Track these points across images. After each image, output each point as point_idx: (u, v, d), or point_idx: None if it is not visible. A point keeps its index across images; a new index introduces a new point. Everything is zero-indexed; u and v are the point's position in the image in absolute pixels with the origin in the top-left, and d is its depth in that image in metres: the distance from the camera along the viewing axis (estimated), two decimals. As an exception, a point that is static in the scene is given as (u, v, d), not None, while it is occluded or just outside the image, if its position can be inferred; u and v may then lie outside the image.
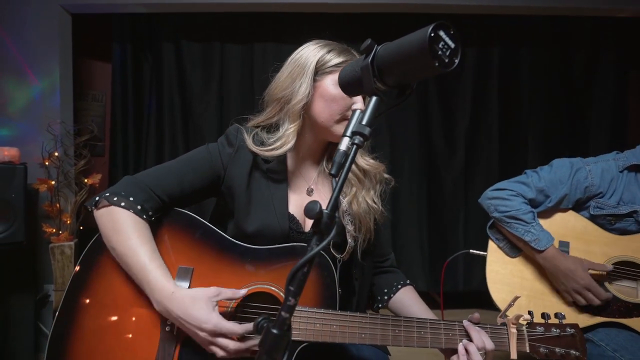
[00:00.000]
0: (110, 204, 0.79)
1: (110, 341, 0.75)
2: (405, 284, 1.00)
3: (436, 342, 0.76)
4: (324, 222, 0.46)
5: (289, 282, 0.44)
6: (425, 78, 0.51)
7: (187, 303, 0.72)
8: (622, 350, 1.01)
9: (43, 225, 2.10)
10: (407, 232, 2.73)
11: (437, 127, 2.76)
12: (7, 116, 2.21)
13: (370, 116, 0.51)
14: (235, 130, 0.92)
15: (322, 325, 0.74)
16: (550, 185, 1.21)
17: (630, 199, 1.17)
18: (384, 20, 2.61)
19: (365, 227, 0.89)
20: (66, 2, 2.26)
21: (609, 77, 2.71)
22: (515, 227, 1.18)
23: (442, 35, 0.47)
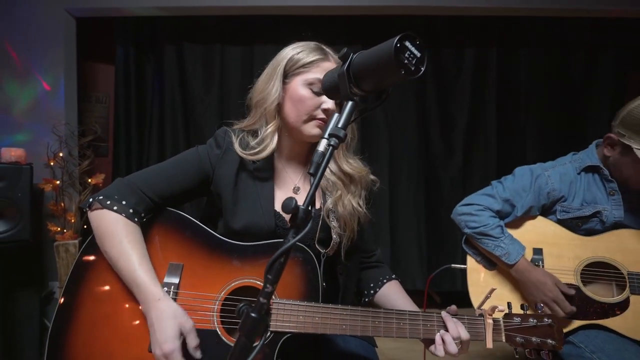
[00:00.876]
0: (103, 207, 0.83)
1: (107, 332, 0.79)
2: (390, 279, 1.03)
3: (414, 333, 0.79)
4: (300, 216, 0.50)
5: (267, 271, 0.48)
6: (399, 83, 0.54)
7: (165, 316, 0.75)
8: (599, 352, 1.03)
9: (48, 223, 2.16)
10: (405, 231, 2.75)
11: (435, 128, 2.78)
12: (14, 118, 2.27)
13: (346, 119, 0.55)
14: (223, 132, 0.96)
15: (305, 317, 0.78)
16: (515, 194, 1.23)
17: (592, 200, 1.19)
18: (383, 23, 2.64)
19: (349, 228, 0.92)
20: (71, 6, 2.32)
21: (607, 78, 2.71)
22: (485, 242, 1.21)
23: (408, 45, 0.51)
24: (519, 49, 2.74)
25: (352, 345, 0.94)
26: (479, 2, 2.41)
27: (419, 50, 0.54)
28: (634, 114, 1.08)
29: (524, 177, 1.24)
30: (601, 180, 1.20)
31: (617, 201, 1.17)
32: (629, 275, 1.11)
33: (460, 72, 2.76)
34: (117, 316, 0.80)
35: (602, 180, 1.19)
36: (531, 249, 1.20)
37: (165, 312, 0.75)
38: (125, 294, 0.81)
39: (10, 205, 1.80)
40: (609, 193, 1.18)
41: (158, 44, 2.70)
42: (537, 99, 2.75)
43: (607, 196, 1.18)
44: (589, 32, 2.68)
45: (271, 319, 0.78)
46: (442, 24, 2.68)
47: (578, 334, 1.11)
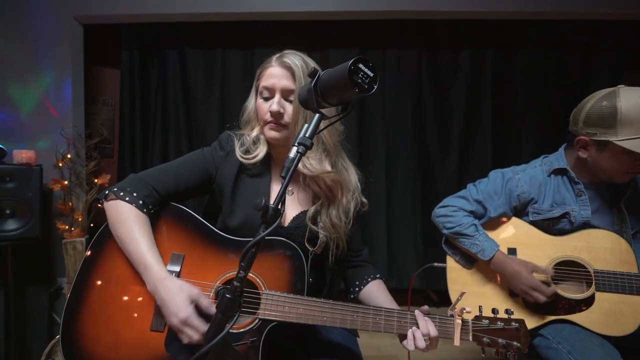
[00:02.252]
0: (118, 198, 0.92)
1: (114, 311, 0.89)
2: (374, 278, 1.10)
3: (389, 328, 0.87)
4: (270, 213, 0.58)
5: (241, 259, 0.57)
6: (360, 98, 0.63)
7: (173, 290, 0.84)
8: (564, 342, 1.11)
9: (57, 222, 2.25)
10: (401, 231, 2.81)
11: (432, 128, 2.82)
12: (24, 121, 2.37)
13: (312, 129, 0.64)
14: (226, 136, 1.05)
15: (290, 308, 0.86)
16: (487, 197, 1.30)
17: (561, 201, 1.25)
18: (380, 27, 2.70)
19: (334, 232, 1.00)
20: (78, 14, 2.41)
21: (603, 79, 2.72)
22: (462, 241, 1.28)
23: (362, 67, 0.60)
24: (515, 51, 2.78)
25: (335, 334, 1.02)
26: (475, 6, 2.46)
27: (371, 71, 0.63)
28: (595, 113, 1.14)
29: (496, 181, 1.31)
30: (569, 182, 1.26)
31: (585, 202, 1.23)
32: (595, 273, 1.18)
33: (456, 73, 2.80)
34: (123, 297, 0.90)
35: (570, 182, 1.26)
36: (505, 248, 1.27)
37: (173, 288, 0.84)
38: (130, 278, 0.90)
39: (22, 204, 1.89)
40: (577, 194, 1.24)
41: (161, 49, 2.79)
42: (533, 101, 2.79)
43: (576, 197, 1.24)
44: (584, 33, 2.71)
45: (260, 308, 0.86)
46: (438, 27, 2.73)
47: (548, 327, 1.18)
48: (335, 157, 1.02)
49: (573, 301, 1.18)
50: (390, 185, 2.82)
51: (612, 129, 1.11)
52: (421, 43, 2.78)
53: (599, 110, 1.13)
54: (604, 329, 1.13)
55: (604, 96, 1.14)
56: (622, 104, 1.09)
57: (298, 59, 0.96)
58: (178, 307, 0.82)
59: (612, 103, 1.10)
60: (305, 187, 1.03)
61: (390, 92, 2.81)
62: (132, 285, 0.90)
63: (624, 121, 1.09)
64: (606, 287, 1.16)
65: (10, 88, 2.36)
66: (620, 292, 1.15)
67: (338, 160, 1.03)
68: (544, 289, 1.17)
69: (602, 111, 1.12)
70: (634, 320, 1.12)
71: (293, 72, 0.94)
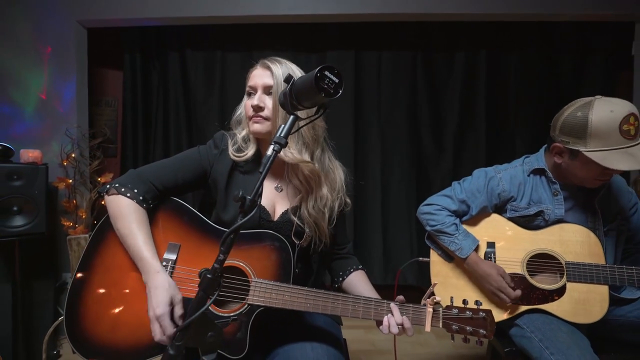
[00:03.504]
0: (118, 193, 0.99)
1: (114, 295, 0.96)
2: (357, 269, 1.17)
3: (366, 314, 0.94)
4: (247, 204, 0.65)
5: (221, 244, 0.63)
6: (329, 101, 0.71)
7: (161, 285, 0.90)
8: (537, 332, 1.17)
9: (62, 219, 2.34)
10: (396, 230, 2.87)
11: (427, 128, 2.87)
12: (30, 122, 2.45)
13: (287, 130, 0.72)
14: (220, 135, 1.13)
15: (276, 295, 0.93)
16: (470, 195, 1.36)
17: (538, 200, 1.31)
18: (376, 29, 2.76)
19: (316, 227, 1.06)
20: (82, 18, 2.49)
21: (596, 80, 2.77)
22: (442, 238, 1.35)
23: (327, 74, 0.67)
24: (509, 52, 2.82)
25: (319, 321, 1.09)
26: (469, 8, 2.51)
27: (337, 77, 0.70)
28: (569, 122, 1.19)
29: (479, 179, 1.37)
30: (547, 182, 1.32)
31: (560, 201, 1.29)
32: (566, 264, 1.24)
33: (450, 74, 2.85)
34: (122, 283, 0.98)
35: (548, 182, 1.31)
36: (485, 242, 1.34)
37: (162, 283, 0.90)
38: (130, 265, 0.98)
39: (28, 201, 1.96)
40: (553, 194, 1.30)
41: (163, 51, 2.87)
42: (526, 101, 2.83)
43: (552, 196, 1.30)
44: (577, 34, 2.75)
45: (249, 295, 0.94)
46: (433, 29, 2.79)
47: (523, 317, 1.25)
48: (320, 152, 1.08)
49: (546, 291, 1.24)
50: (386, 185, 2.88)
51: (582, 140, 1.16)
52: (416, 44, 2.84)
53: (573, 120, 1.18)
54: (574, 317, 1.20)
55: (580, 106, 1.18)
56: (593, 117, 1.13)
57: (278, 61, 1.06)
58: (157, 302, 0.88)
59: (585, 114, 1.14)
60: (291, 178, 1.10)
61: (385, 93, 2.87)
62: (131, 272, 0.98)
63: (593, 133, 1.13)
64: (576, 277, 1.22)
65: (16, 90, 2.44)
66: (589, 282, 1.20)
67: (323, 157, 1.10)
68: (510, 292, 1.23)
69: (575, 122, 1.17)
70: (601, 308, 1.18)
71: (272, 71, 1.03)
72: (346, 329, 1.68)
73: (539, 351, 1.13)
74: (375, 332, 0.95)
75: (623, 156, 1.11)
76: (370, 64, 2.86)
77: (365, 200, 2.89)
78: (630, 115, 1.10)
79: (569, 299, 1.21)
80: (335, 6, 2.50)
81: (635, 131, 1.11)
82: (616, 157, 1.11)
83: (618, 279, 1.18)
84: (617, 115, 1.11)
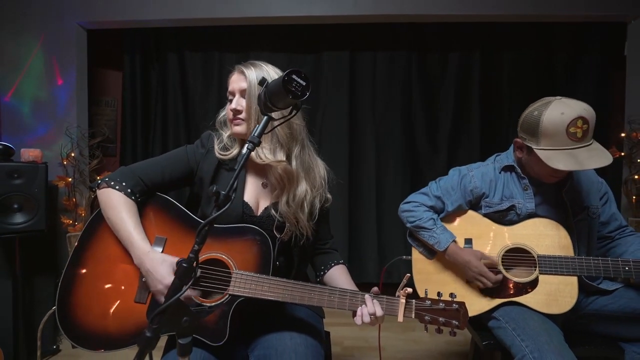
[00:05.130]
0: (108, 187, 1.05)
1: (103, 284, 1.02)
2: (337, 263, 1.21)
3: (341, 305, 0.98)
4: (221, 199, 0.69)
5: (196, 235, 0.67)
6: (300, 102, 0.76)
7: (157, 261, 0.96)
8: (511, 322, 1.21)
9: (62, 217, 2.39)
10: (391, 229, 2.90)
11: (421, 128, 2.91)
12: (31, 121, 2.51)
13: (260, 130, 0.76)
14: (207, 135, 1.17)
15: (256, 286, 0.98)
16: (445, 192, 1.41)
17: (509, 195, 1.34)
18: (373, 30, 2.80)
19: (295, 222, 1.09)
20: (82, 20, 2.55)
21: (589, 80, 2.80)
22: (422, 233, 1.39)
23: (295, 77, 0.71)
24: (502, 52, 2.86)
25: (300, 312, 1.13)
26: (463, 9, 2.53)
27: (304, 81, 0.74)
28: (527, 120, 1.24)
29: (453, 177, 1.42)
30: (517, 178, 1.36)
31: (530, 195, 1.33)
32: (538, 257, 1.28)
33: (445, 74, 2.89)
34: (112, 273, 1.03)
35: (518, 177, 1.35)
36: (463, 239, 1.38)
37: (156, 259, 0.97)
38: (119, 256, 1.02)
39: (28, 199, 2.02)
40: (523, 188, 1.34)
41: (162, 52, 2.93)
42: (520, 101, 2.83)
43: (522, 191, 1.34)
44: (571, 35, 2.78)
45: (230, 285, 0.98)
46: (427, 30, 2.82)
47: (500, 310, 1.29)
48: (299, 150, 1.11)
49: (520, 284, 1.28)
50: (380, 184, 2.92)
51: (535, 138, 1.21)
52: (411, 45, 2.87)
53: (530, 118, 1.23)
54: (546, 307, 1.23)
55: (539, 105, 1.22)
56: (544, 117, 1.17)
57: (253, 65, 1.10)
58: (161, 275, 0.94)
59: (540, 113, 1.19)
60: (276, 175, 1.13)
61: (380, 92, 2.91)
62: (120, 263, 1.03)
63: (543, 132, 1.18)
64: (548, 269, 1.25)
65: (17, 90, 2.50)
66: (560, 273, 1.24)
67: (303, 154, 1.13)
68: (490, 276, 1.28)
69: (531, 120, 1.21)
70: (571, 298, 1.22)
71: (246, 75, 1.08)
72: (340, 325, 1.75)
73: (511, 339, 1.17)
74: (369, 329, 0.99)
75: (566, 157, 1.15)
76: (365, 64, 2.90)
77: (360, 200, 2.93)
78: (579, 119, 1.14)
79: (542, 290, 1.25)
80: (330, 7, 2.54)
81: (582, 134, 1.15)
82: (559, 157, 1.16)
83: (586, 269, 1.22)
84: (565, 118, 1.15)
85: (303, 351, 0.98)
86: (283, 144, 1.08)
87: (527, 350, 1.10)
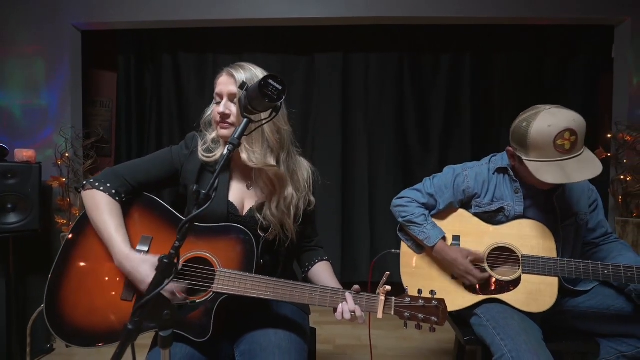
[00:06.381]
0: (93, 188, 1.07)
1: (90, 283, 1.04)
2: (321, 260, 1.24)
3: (323, 302, 1.00)
4: (201, 198, 0.71)
5: (177, 232, 0.70)
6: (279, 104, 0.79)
7: (137, 262, 0.99)
8: (492, 320, 1.24)
9: (56, 217, 2.42)
10: (383, 228, 2.92)
11: (413, 129, 2.94)
12: (25, 122, 2.53)
13: (240, 132, 0.78)
14: (192, 136, 1.19)
15: (240, 284, 1.00)
16: (438, 190, 1.43)
17: (500, 197, 1.37)
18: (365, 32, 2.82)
19: (284, 225, 1.11)
20: (76, 21, 2.57)
21: (579, 81, 2.84)
22: (412, 229, 1.42)
23: (271, 82, 0.73)
24: (493, 54, 2.89)
25: (285, 310, 1.16)
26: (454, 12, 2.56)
27: (280, 85, 0.77)
28: (516, 131, 1.26)
29: (447, 176, 1.44)
30: (509, 180, 1.38)
31: (520, 198, 1.35)
32: (522, 257, 1.30)
33: (436, 76, 2.92)
34: (98, 272, 1.05)
35: (510, 180, 1.38)
36: (451, 235, 1.41)
37: (136, 261, 0.99)
38: (106, 255, 1.04)
39: (22, 199, 2.04)
40: (514, 191, 1.36)
41: (156, 53, 2.95)
42: (511, 102, 2.88)
43: (513, 194, 1.36)
44: (561, 37, 2.81)
45: (214, 283, 1.00)
46: (419, 32, 2.85)
47: (481, 307, 1.31)
48: (285, 155, 1.13)
49: (503, 282, 1.31)
50: (373, 184, 2.94)
51: (524, 149, 1.23)
52: (403, 46, 2.90)
53: (519, 129, 1.24)
54: (526, 306, 1.26)
55: (528, 116, 1.23)
56: (532, 129, 1.18)
57: (242, 67, 1.10)
58: (143, 275, 0.97)
59: (528, 124, 1.20)
60: (260, 176, 1.15)
61: (373, 94, 2.94)
62: (107, 262, 1.05)
63: (531, 144, 1.20)
64: (531, 269, 1.28)
65: (11, 91, 2.52)
66: (542, 274, 1.27)
67: (289, 159, 1.15)
68: (476, 273, 1.31)
69: (520, 131, 1.23)
70: (550, 298, 1.25)
71: (236, 79, 1.08)
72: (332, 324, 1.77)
73: (491, 338, 1.20)
74: (361, 327, 1.02)
75: (554, 169, 1.17)
76: (358, 65, 2.93)
77: (353, 200, 2.96)
78: (566, 131, 1.15)
79: (524, 289, 1.28)
80: (323, 10, 2.57)
81: (570, 146, 1.16)
82: (548, 169, 1.17)
83: (567, 271, 1.24)
84: (553, 130, 1.16)
85: (286, 346, 1.00)
86: (273, 149, 1.10)
87: (505, 350, 1.13)
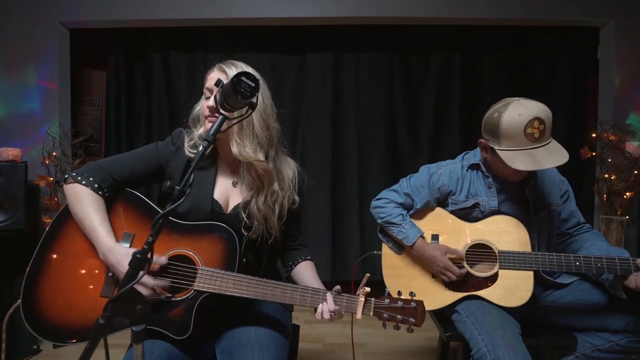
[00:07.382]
0: (75, 182, 1.06)
1: (69, 279, 1.03)
2: (305, 259, 1.24)
3: (303, 302, 1.01)
4: (175, 194, 0.71)
5: (151, 228, 0.70)
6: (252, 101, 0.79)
7: (121, 256, 0.98)
8: (471, 316, 1.26)
9: (43, 216, 2.40)
10: (373, 228, 2.91)
11: (403, 129, 2.95)
12: (11, 120, 2.51)
13: (215, 129, 0.78)
14: (178, 132, 1.19)
15: (221, 282, 1.00)
16: (414, 189, 1.45)
17: (475, 193, 1.39)
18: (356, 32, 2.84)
19: (268, 222, 1.12)
20: (65, 19, 2.56)
21: (567, 82, 2.87)
22: (391, 229, 1.43)
23: (244, 79, 0.74)
24: (482, 54, 2.91)
25: (267, 308, 1.16)
26: (443, 12, 2.58)
27: (253, 82, 0.77)
28: (488, 122, 1.28)
29: (422, 175, 1.46)
30: (482, 176, 1.40)
31: (493, 193, 1.37)
32: (499, 253, 1.32)
33: (426, 76, 2.94)
34: (77, 268, 1.04)
35: (483, 175, 1.40)
36: (430, 234, 1.42)
37: (120, 254, 0.98)
38: (85, 251, 1.04)
39: (7, 198, 2.03)
40: (487, 187, 1.38)
41: (146, 52, 2.94)
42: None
43: (486, 189, 1.38)
44: (549, 38, 2.84)
45: (195, 281, 1.01)
46: (409, 32, 2.87)
47: (461, 304, 1.33)
48: (274, 152, 1.14)
49: (481, 279, 1.33)
50: (362, 184, 2.95)
51: (496, 139, 1.25)
52: (393, 46, 2.92)
53: (491, 120, 1.26)
54: (503, 301, 1.28)
55: (499, 107, 1.26)
56: (503, 119, 1.21)
57: (234, 64, 1.10)
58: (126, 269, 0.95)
59: (499, 115, 1.22)
60: (247, 174, 1.14)
61: (363, 93, 2.95)
62: (86, 258, 1.04)
63: (503, 134, 1.22)
64: (507, 265, 1.30)
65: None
66: (518, 268, 1.29)
67: (276, 157, 1.16)
68: (455, 270, 1.32)
69: (492, 122, 1.25)
70: (527, 291, 1.27)
71: (227, 75, 1.08)
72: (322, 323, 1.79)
73: (470, 333, 1.22)
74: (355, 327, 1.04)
75: (525, 157, 1.20)
76: (349, 65, 2.94)
77: (343, 199, 2.97)
78: (535, 119, 1.18)
79: (501, 285, 1.30)
80: (315, 9, 2.57)
81: (540, 134, 1.20)
82: (519, 157, 1.20)
83: (541, 264, 1.27)
84: (522, 119, 1.19)
85: (266, 342, 1.01)
86: (263, 145, 1.10)
87: (482, 344, 1.15)
